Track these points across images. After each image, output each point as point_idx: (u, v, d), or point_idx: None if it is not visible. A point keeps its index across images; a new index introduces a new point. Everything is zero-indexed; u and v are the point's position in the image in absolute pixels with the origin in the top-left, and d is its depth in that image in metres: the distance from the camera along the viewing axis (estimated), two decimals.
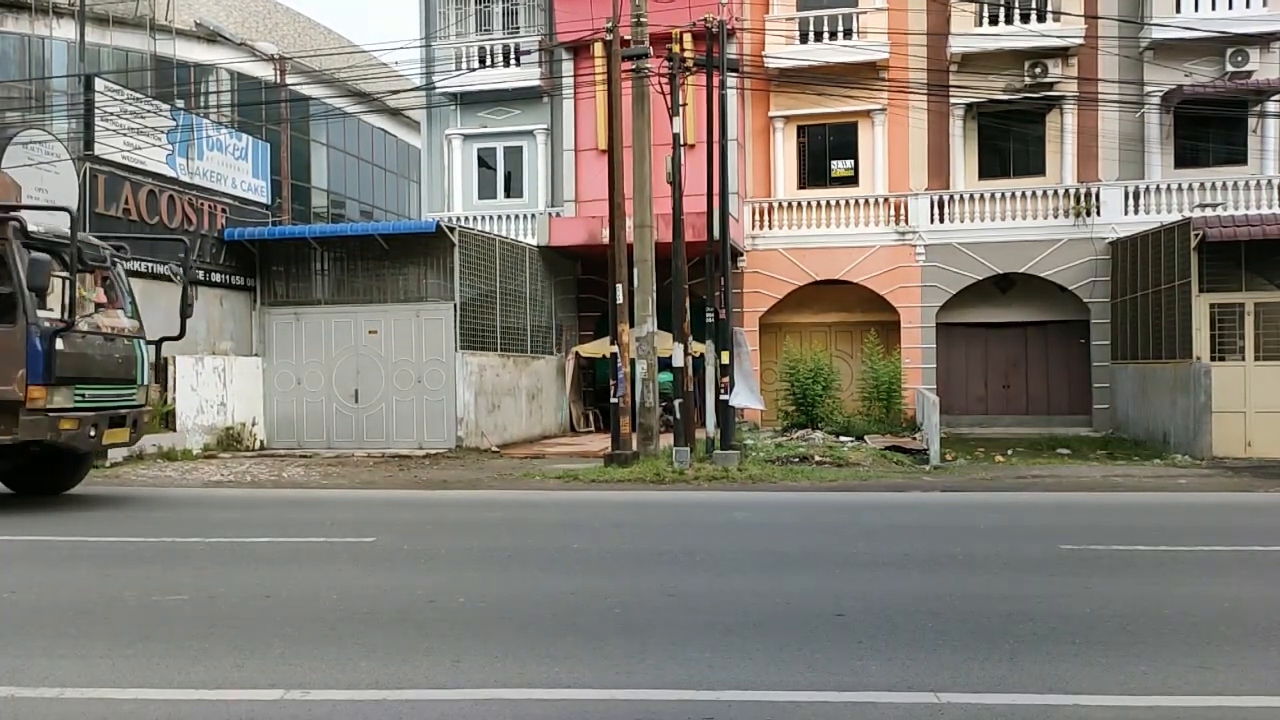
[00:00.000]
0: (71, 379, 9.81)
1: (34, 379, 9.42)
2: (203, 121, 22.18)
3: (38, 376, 9.45)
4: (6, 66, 24.91)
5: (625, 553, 8.05)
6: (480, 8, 23.90)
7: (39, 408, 9.49)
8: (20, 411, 9.42)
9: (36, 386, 9.44)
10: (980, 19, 21.92)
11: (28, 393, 9.40)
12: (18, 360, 9.37)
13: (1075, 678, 4.57)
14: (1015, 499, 11.63)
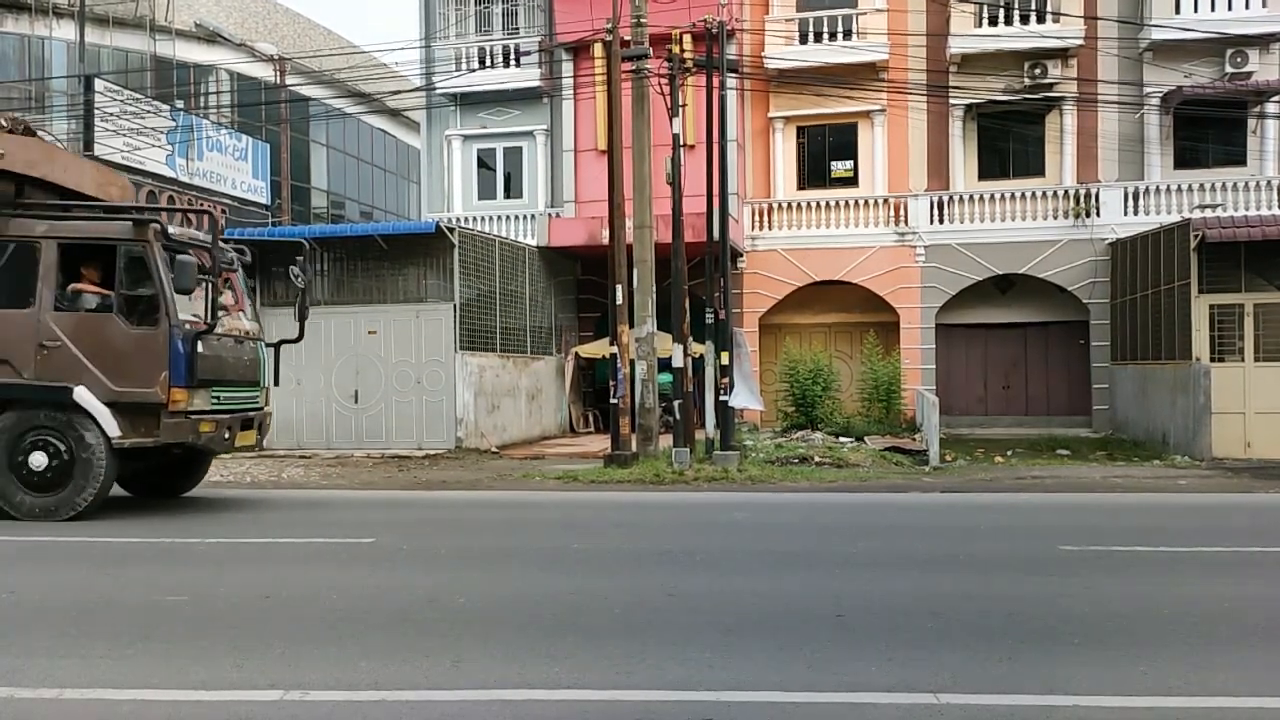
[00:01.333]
0: (209, 381, 9.84)
1: (176, 381, 9.42)
2: (202, 122, 22.23)
3: (180, 379, 9.44)
4: (6, 67, 24.91)
5: (625, 553, 8.05)
6: (480, 8, 23.91)
7: (180, 410, 9.50)
8: (162, 414, 9.41)
9: (179, 389, 9.44)
10: (980, 20, 21.92)
11: (170, 395, 9.39)
12: (160, 362, 9.37)
13: (1075, 678, 4.57)
14: (1015, 500, 11.63)
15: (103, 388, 9.31)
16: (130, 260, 9.56)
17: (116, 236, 9.71)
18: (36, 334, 9.41)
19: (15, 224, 9.70)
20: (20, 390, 9.42)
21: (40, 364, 9.38)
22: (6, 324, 9.47)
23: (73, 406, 9.33)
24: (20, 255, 9.58)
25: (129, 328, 9.49)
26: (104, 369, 9.34)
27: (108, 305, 9.62)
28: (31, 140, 10.33)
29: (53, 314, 9.46)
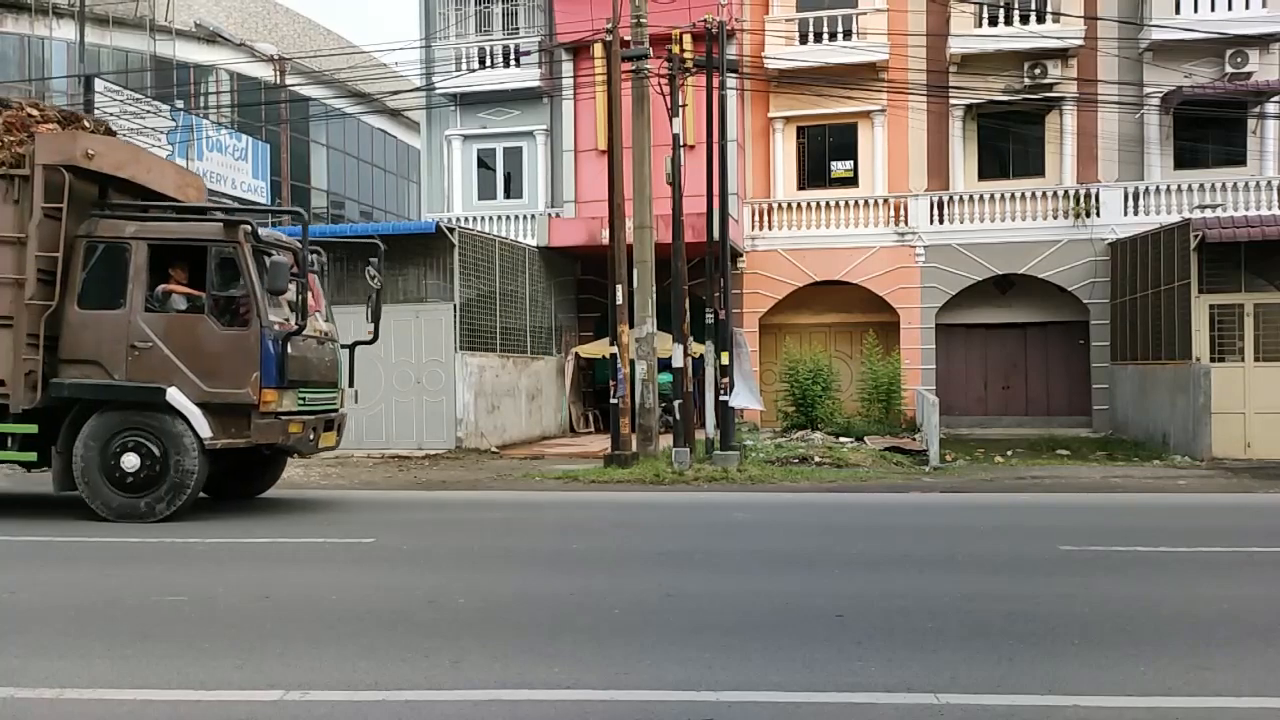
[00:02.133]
0: (296, 382, 9.85)
1: (268, 382, 9.41)
2: (202, 122, 22.24)
3: (271, 380, 9.44)
4: (6, 67, 24.92)
5: (625, 553, 8.06)
6: (480, 8, 23.91)
7: (271, 411, 9.50)
8: (253, 415, 9.41)
9: (270, 390, 9.43)
10: (980, 20, 21.93)
11: (261, 396, 9.38)
12: (252, 363, 9.36)
13: (1075, 678, 4.57)
14: (1015, 500, 11.63)
15: (194, 389, 9.28)
16: (221, 261, 9.54)
17: (207, 237, 9.69)
18: (128, 335, 9.36)
19: (105, 225, 9.66)
20: (113, 391, 9.36)
21: (131, 365, 9.33)
22: (98, 325, 9.42)
23: (165, 408, 9.28)
24: (110, 256, 9.53)
25: (220, 328, 9.47)
26: (195, 370, 9.31)
27: (198, 306, 9.59)
28: (119, 141, 10.36)
29: (144, 315, 9.42)
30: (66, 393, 9.38)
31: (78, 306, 9.44)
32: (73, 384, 9.38)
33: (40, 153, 9.28)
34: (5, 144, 9.33)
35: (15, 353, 9.24)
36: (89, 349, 9.40)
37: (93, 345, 9.40)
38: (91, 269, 9.52)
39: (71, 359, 9.41)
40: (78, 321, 9.43)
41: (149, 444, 9.31)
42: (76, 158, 9.41)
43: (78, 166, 9.41)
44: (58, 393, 9.37)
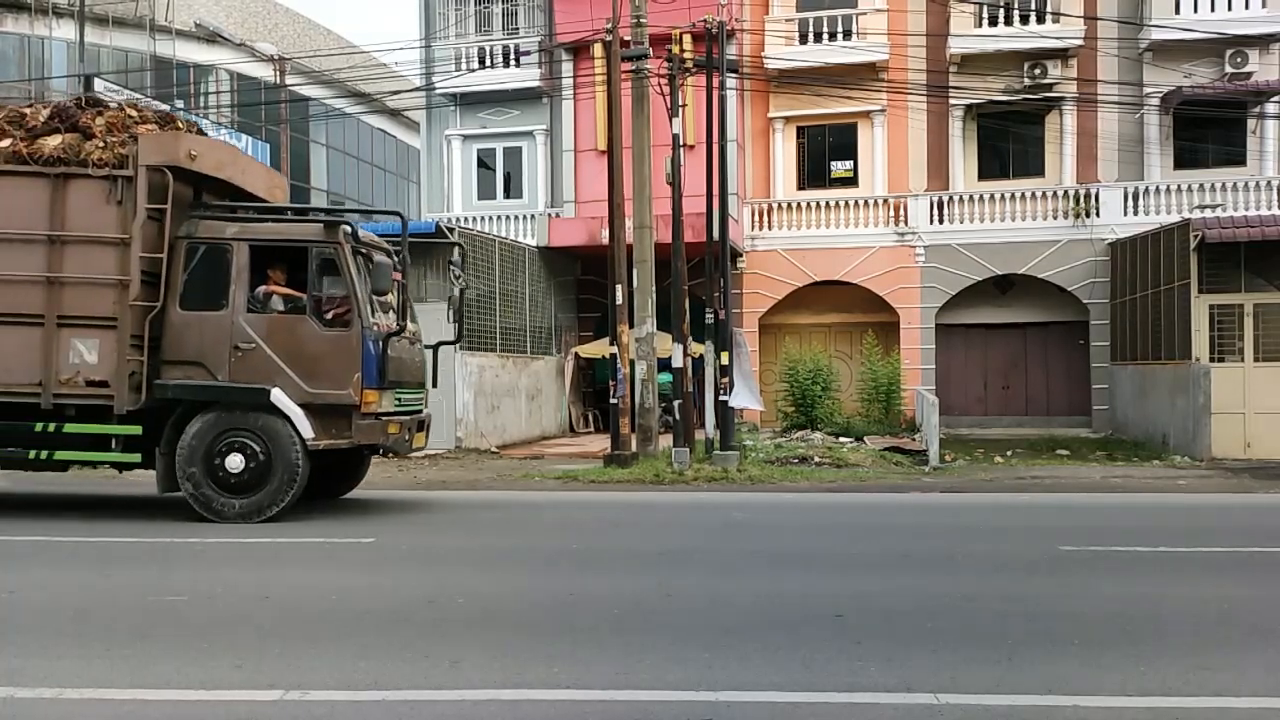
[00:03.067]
0: (393, 383, 9.85)
1: (369, 383, 9.40)
2: (202, 122, 22.18)
3: (372, 380, 9.43)
4: (6, 67, 24.92)
5: (624, 553, 8.06)
6: (480, 8, 23.91)
7: (372, 411, 9.50)
8: (354, 415, 9.39)
9: (371, 390, 9.43)
10: (980, 20, 21.92)
11: (363, 396, 9.37)
12: (353, 364, 9.35)
13: (1075, 678, 4.57)
14: (1014, 500, 11.63)
15: (296, 389, 9.26)
16: (322, 262, 9.53)
17: (308, 238, 9.68)
18: (231, 336, 9.34)
19: (205, 226, 9.64)
20: (217, 392, 9.34)
21: (235, 366, 9.31)
22: (200, 326, 9.40)
23: (268, 408, 9.27)
24: (211, 257, 9.51)
25: (322, 329, 9.46)
26: (297, 371, 9.29)
27: (299, 307, 9.58)
28: (218, 141, 10.35)
29: (246, 316, 9.40)
30: (171, 394, 9.35)
31: (179, 308, 9.41)
32: (177, 385, 9.35)
33: (144, 153, 9.25)
34: (108, 144, 9.27)
35: (119, 354, 9.19)
36: (191, 350, 9.37)
37: (195, 346, 9.37)
38: (193, 270, 9.48)
39: (174, 360, 9.39)
40: (180, 322, 9.40)
41: (253, 445, 9.27)
42: (180, 158, 9.39)
43: (180, 167, 9.38)
44: (161, 394, 9.34)
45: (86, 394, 9.26)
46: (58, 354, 9.20)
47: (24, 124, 9.51)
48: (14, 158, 9.25)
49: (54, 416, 9.36)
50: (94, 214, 9.26)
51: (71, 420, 9.39)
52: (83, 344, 9.23)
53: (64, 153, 9.20)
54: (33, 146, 9.27)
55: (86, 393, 9.25)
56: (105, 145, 9.27)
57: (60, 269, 9.20)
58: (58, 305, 9.20)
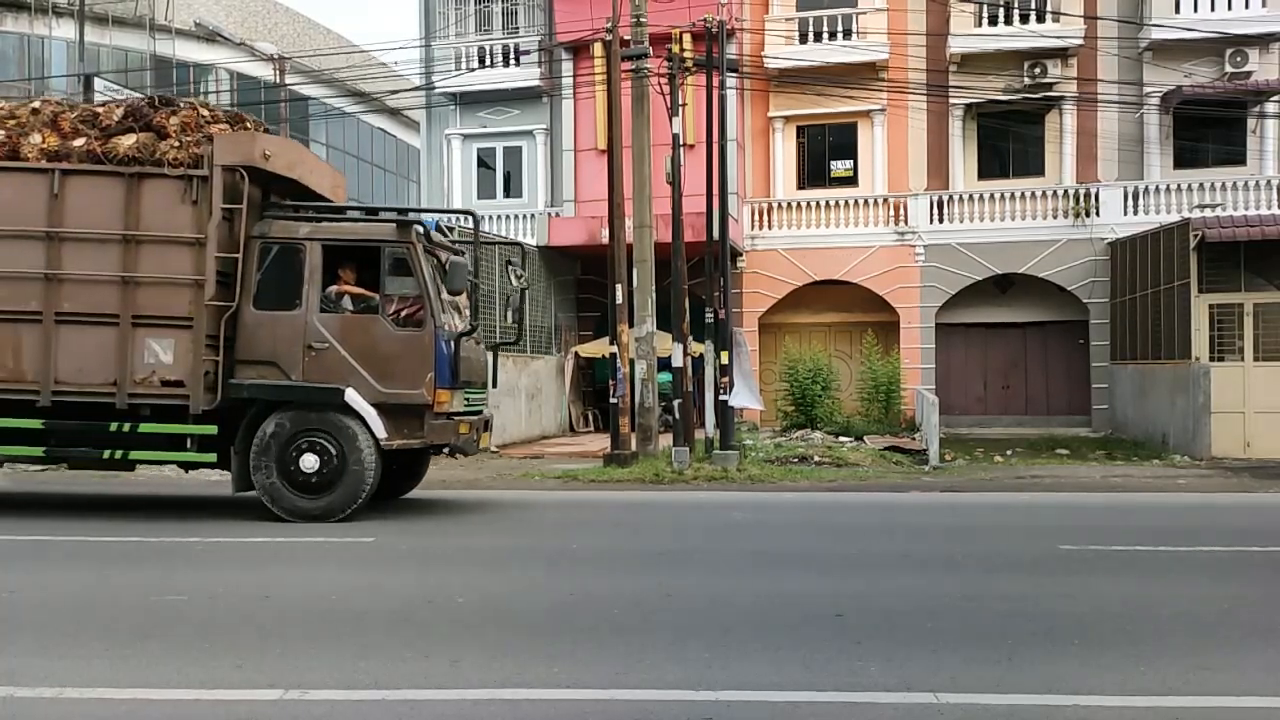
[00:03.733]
0: (463, 383, 9.87)
1: (441, 383, 9.40)
2: None
3: (445, 380, 9.43)
4: (6, 66, 24.92)
5: (624, 553, 8.06)
6: (480, 8, 23.90)
7: (444, 411, 9.50)
8: (426, 415, 9.40)
9: (444, 390, 9.43)
10: (980, 19, 21.92)
11: (436, 396, 9.38)
12: (426, 364, 9.34)
13: (1074, 678, 4.57)
14: (1014, 499, 11.64)
15: (370, 389, 9.26)
16: (394, 262, 9.52)
17: (381, 238, 9.67)
18: (304, 336, 9.33)
19: (278, 226, 9.63)
20: (292, 392, 9.32)
21: (308, 366, 9.30)
22: (273, 326, 9.38)
23: (342, 408, 9.25)
24: (284, 257, 9.50)
25: (395, 329, 9.47)
26: (371, 370, 9.29)
27: (371, 307, 9.58)
28: (289, 141, 10.35)
29: (319, 316, 9.39)
30: (246, 393, 9.33)
31: (253, 307, 9.40)
32: (252, 384, 9.33)
33: (219, 153, 9.23)
34: (183, 144, 9.25)
35: (195, 354, 9.17)
36: (265, 350, 9.36)
37: (269, 346, 9.36)
38: (266, 270, 9.47)
39: (247, 360, 9.37)
40: (253, 322, 9.38)
41: (327, 444, 9.26)
42: (255, 158, 9.37)
43: (254, 167, 9.36)
44: (236, 393, 9.32)
45: (161, 394, 9.23)
46: (133, 354, 9.18)
47: (97, 123, 9.46)
48: (89, 157, 9.22)
49: (129, 416, 9.33)
50: (169, 214, 9.23)
51: (147, 420, 9.36)
52: (158, 344, 9.21)
53: (139, 152, 9.17)
54: (107, 146, 9.23)
55: (161, 392, 9.23)
56: (180, 145, 9.24)
57: (135, 269, 9.16)
58: (133, 305, 9.17)
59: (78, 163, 9.22)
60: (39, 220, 9.17)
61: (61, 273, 9.18)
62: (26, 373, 9.22)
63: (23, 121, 9.53)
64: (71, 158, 9.24)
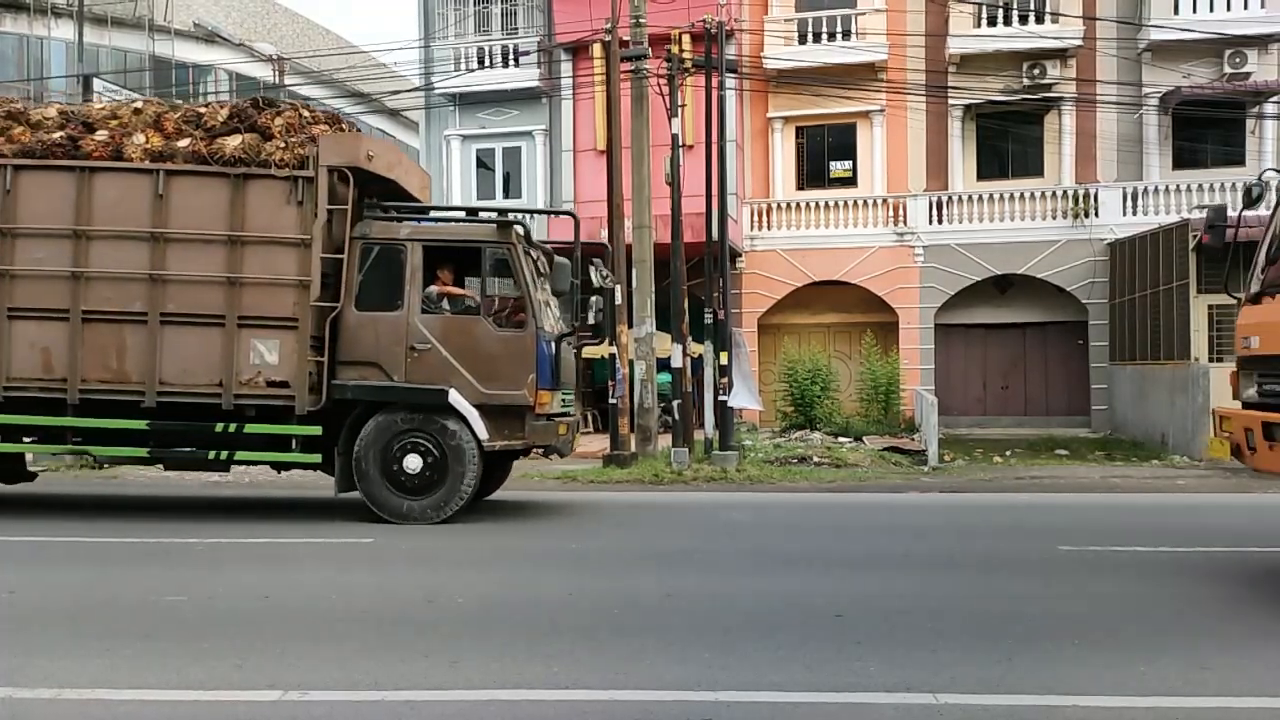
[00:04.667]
0: (561, 384, 9.89)
1: (543, 384, 9.41)
2: None
3: (546, 381, 9.45)
4: (5, 67, 24.91)
5: (623, 553, 8.06)
6: (479, 9, 23.90)
7: (545, 413, 9.51)
8: (528, 416, 9.39)
9: (545, 391, 9.44)
10: (979, 20, 21.93)
11: (537, 397, 9.37)
12: (528, 365, 9.33)
13: (1074, 678, 4.58)
14: (1014, 500, 11.64)
15: (471, 390, 9.24)
16: (495, 262, 9.52)
17: (482, 239, 9.68)
18: (406, 337, 9.31)
19: (379, 226, 9.62)
20: (396, 393, 9.30)
21: (411, 367, 9.28)
22: (375, 327, 9.36)
23: (444, 409, 9.24)
24: (384, 258, 9.47)
25: (497, 330, 9.46)
26: (473, 371, 9.27)
27: (471, 308, 9.59)
28: (388, 142, 10.36)
29: (421, 317, 9.38)
30: (350, 394, 9.32)
31: (355, 308, 9.38)
32: (355, 385, 9.31)
33: (324, 154, 9.21)
34: (288, 145, 9.22)
35: (300, 354, 9.14)
36: (367, 351, 9.34)
37: (371, 347, 9.34)
38: (367, 271, 9.45)
39: (349, 360, 9.35)
40: (356, 323, 9.36)
41: (429, 445, 9.25)
42: (360, 159, 9.36)
43: (357, 168, 9.34)
44: (340, 394, 9.30)
45: (266, 394, 9.21)
46: (238, 354, 9.15)
47: (202, 124, 9.45)
48: (193, 157, 9.19)
49: (234, 417, 9.32)
50: (274, 214, 9.20)
51: (252, 420, 9.34)
52: (263, 344, 9.18)
53: (244, 153, 9.13)
54: (212, 146, 9.20)
55: (266, 393, 9.20)
56: (285, 146, 9.22)
57: (240, 269, 9.14)
58: (238, 306, 9.14)
59: (183, 163, 9.18)
60: (144, 221, 9.14)
61: (167, 273, 9.14)
62: (131, 374, 9.19)
63: (125, 122, 9.50)
64: (176, 158, 9.20)
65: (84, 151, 9.25)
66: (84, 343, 9.18)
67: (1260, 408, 6.35)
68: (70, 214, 9.15)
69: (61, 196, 9.17)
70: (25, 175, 9.23)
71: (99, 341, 9.21)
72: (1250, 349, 6.51)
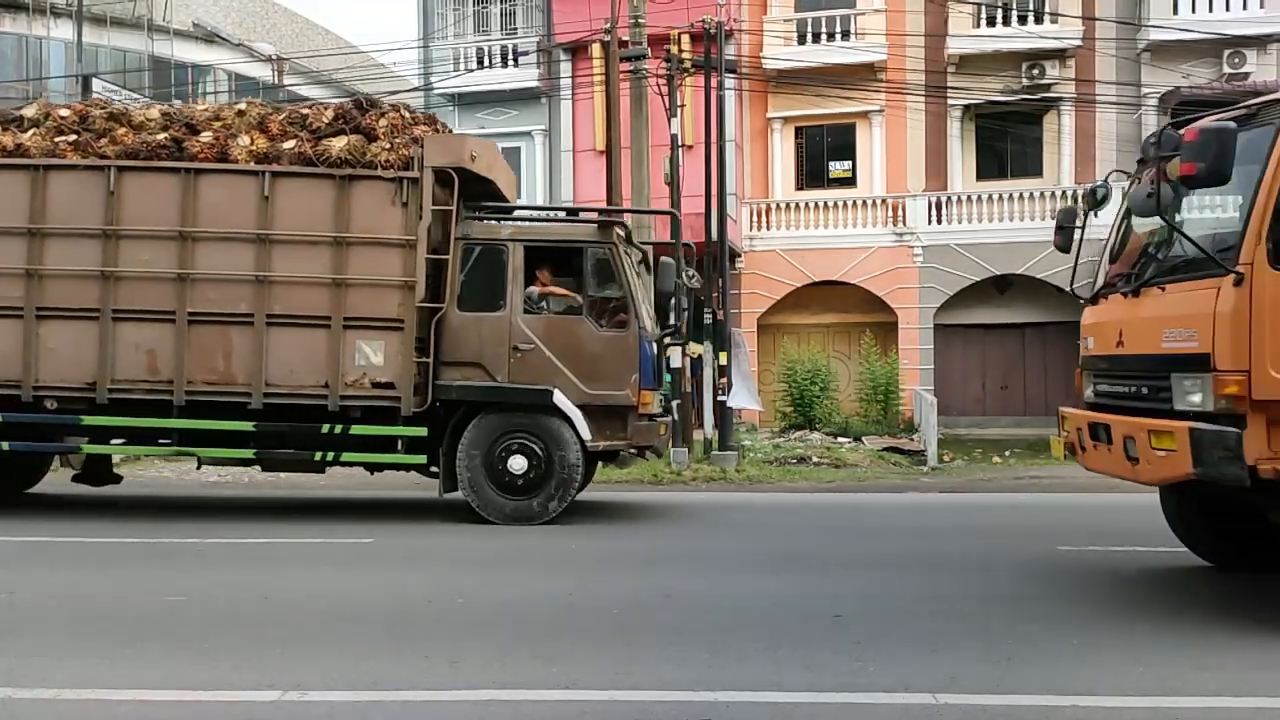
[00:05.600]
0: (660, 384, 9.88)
1: (646, 384, 9.37)
2: None
3: (648, 381, 9.41)
4: (4, 67, 24.88)
5: (623, 553, 8.06)
6: (478, 9, 23.91)
7: (648, 413, 9.48)
8: (630, 417, 9.37)
9: (648, 391, 9.41)
10: (978, 20, 21.93)
11: (640, 398, 9.34)
12: (631, 365, 9.30)
13: (1074, 678, 4.58)
14: (1013, 500, 11.64)
15: (575, 390, 9.22)
16: (597, 263, 9.48)
17: (583, 239, 9.68)
18: (509, 337, 9.28)
19: (480, 227, 9.64)
20: (500, 393, 9.28)
21: (514, 367, 9.25)
22: (479, 327, 9.34)
23: (548, 409, 9.22)
24: (486, 259, 9.45)
25: (600, 330, 9.43)
26: (576, 372, 9.24)
27: (573, 307, 9.57)
28: (489, 143, 10.38)
29: (524, 317, 9.36)
30: (455, 395, 9.29)
31: (457, 309, 9.36)
32: (460, 386, 9.28)
33: (429, 155, 9.19)
34: (394, 146, 9.20)
35: (405, 355, 9.12)
36: (470, 351, 9.32)
37: (474, 347, 9.31)
38: (469, 271, 9.43)
39: (452, 361, 9.32)
40: (459, 324, 9.33)
41: (534, 446, 9.23)
42: (465, 160, 9.32)
43: (460, 169, 9.31)
44: (445, 395, 9.28)
45: (371, 395, 9.18)
46: (344, 356, 9.13)
47: (307, 125, 9.43)
48: (299, 159, 9.17)
49: (339, 418, 9.29)
50: (379, 215, 9.17)
51: (356, 421, 9.30)
52: (368, 346, 9.15)
53: (350, 154, 9.11)
54: (318, 148, 9.17)
55: (371, 394, 9.17)
56: (391, 147, 9.20)
57: (345, 271, 9.11)
58: (344, 307, 9.11)
59: (288, 164, 9.16)
60: (249, 222, 9.12)
61: (273, 275, 9.12)
62: (237, 375, 9.16)
63: (228, 123, 9.48)
64: (281, 160, 9.17)
65: (189, 153, 9.22)
66: (190, 344, 9.16)
67: (1095, 408, 6.43)
68: (175, 216, 9.12)
69: (166, 198, 9.14)
70: (129, 177, 9.18)
71: (205, 343, 9.18)
72: (1088, 349, 6.61)
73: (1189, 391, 5.35)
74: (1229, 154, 5.11)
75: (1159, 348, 5.66)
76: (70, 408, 9.35)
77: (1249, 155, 5.29)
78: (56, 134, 9.41)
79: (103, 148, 9.30)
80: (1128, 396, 6.11)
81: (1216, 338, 5.18)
